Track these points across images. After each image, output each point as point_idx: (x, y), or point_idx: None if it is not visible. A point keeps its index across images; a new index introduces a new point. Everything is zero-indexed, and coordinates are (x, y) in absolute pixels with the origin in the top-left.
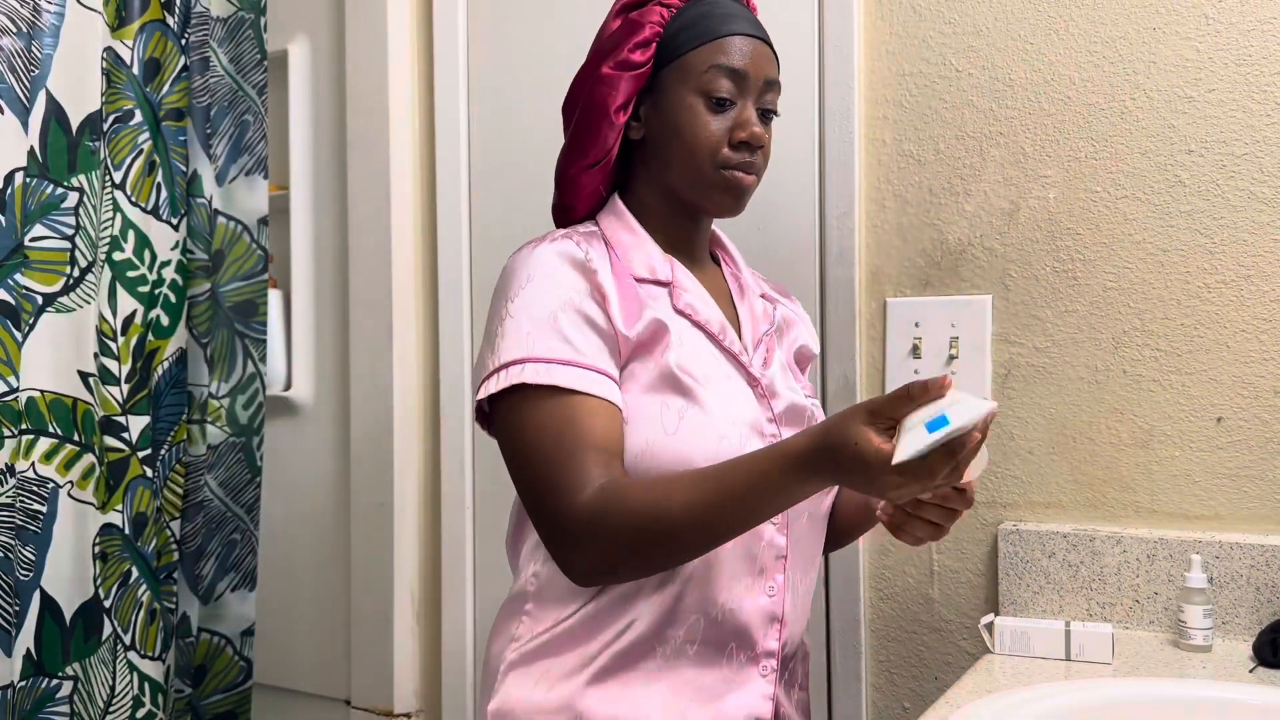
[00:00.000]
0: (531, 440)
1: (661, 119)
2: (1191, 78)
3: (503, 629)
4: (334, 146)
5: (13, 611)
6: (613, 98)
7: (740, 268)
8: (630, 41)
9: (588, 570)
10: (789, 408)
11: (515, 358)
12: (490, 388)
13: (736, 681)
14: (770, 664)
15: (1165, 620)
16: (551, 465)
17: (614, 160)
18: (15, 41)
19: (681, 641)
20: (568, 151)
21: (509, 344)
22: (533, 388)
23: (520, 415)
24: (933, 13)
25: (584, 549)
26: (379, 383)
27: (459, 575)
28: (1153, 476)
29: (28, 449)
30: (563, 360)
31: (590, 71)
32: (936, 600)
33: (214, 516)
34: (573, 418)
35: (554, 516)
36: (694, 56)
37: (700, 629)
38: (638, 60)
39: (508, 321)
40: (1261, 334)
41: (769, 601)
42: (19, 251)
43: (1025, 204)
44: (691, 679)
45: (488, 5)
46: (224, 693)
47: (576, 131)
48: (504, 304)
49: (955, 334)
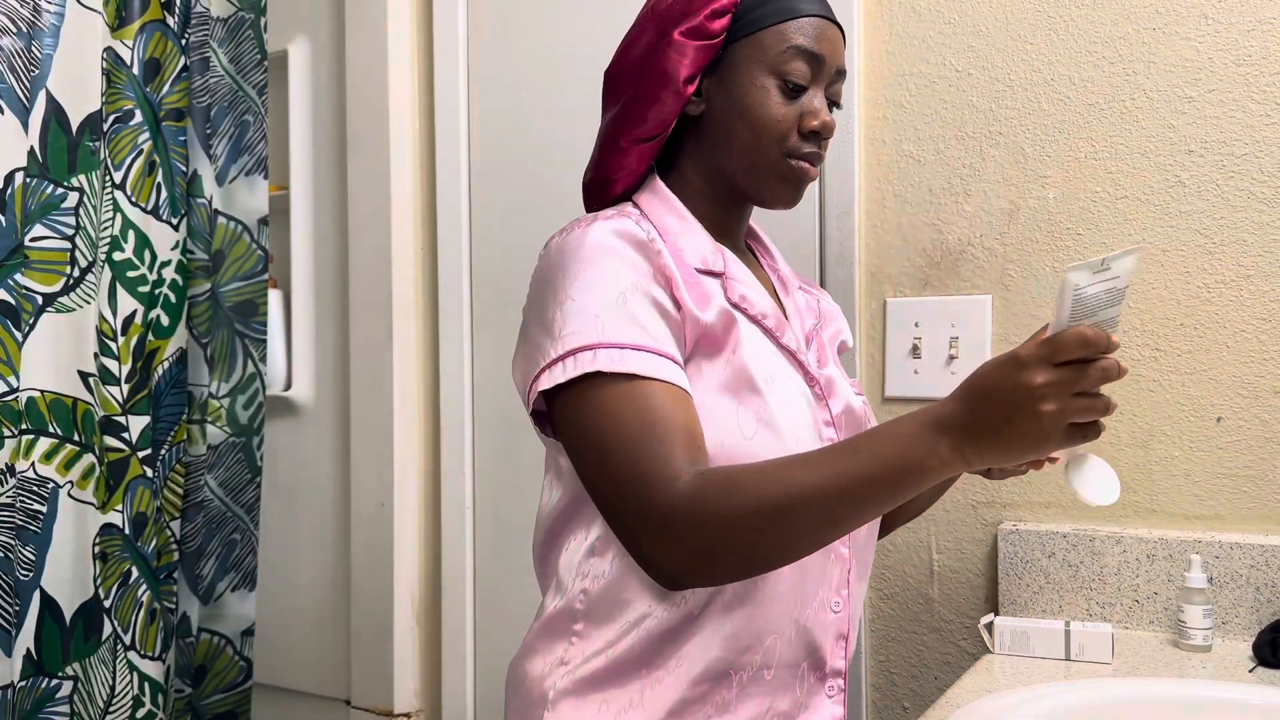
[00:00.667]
0: (611, 429)
1: (728, 96)
2: (1191, 78)
3: (544, 650)
4: (334, 146)
5: (13, 611)
6: (683, 66)
7: (777, 260)
8: (707, 8)
9: (686, 566)
10: (846, 409)
11: (584, 344)
12: (556, 376)
13: (809, 706)
14: (838, 684)
15: (1165, 620)
16: (639, 453)
17: (666, 138)
18: (15, 41)
19: (759, 667)
20: (620, 120)
21: (573, 329)
22: (606, 375)
23: (594, 404)
24: (932, 13)
25: (684, 540)
26: (379, 383)
27: (459, 575)
28: (1153, 476)
29: (28, 449)
30: (636, 345)
31: (656, 37)
32: (936, 600)
33: (214, 516)
34: (654, 405)
35: (647, 507)
36: (771, 34)
37: (776, 651)
38: (714, 29)
39: (568, 305)
40: (1261, 334)
41: (836, 618)
42: (19, 251)
43: (1025, 204)
44: (769, 706)
45: (488, 5)
46: (224, 693)
47: (635, 99)
48: (560, 287)
49: (955, 334)
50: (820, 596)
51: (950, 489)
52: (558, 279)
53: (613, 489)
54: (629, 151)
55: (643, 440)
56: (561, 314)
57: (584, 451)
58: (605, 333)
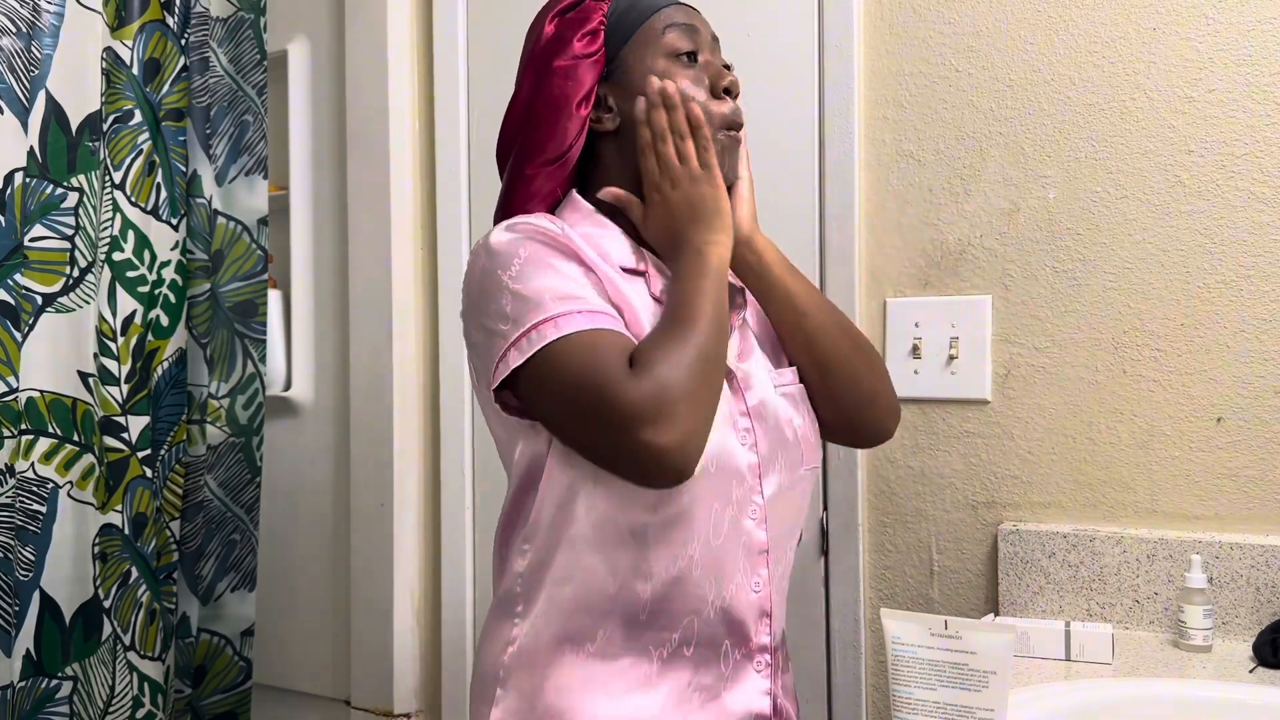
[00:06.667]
0: (569, 378)
1: (636, 94)
2: (1191, 78)
3: (494, 635)
4: (334, 146)
5: (13, 611)
6: (573, 89)
7: None
8: (577, 33)
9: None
10: (762, 402)
11: (539, 319)
12: (524, 351)
13: (734, 679)
14: (764, 659)
15: (1165, 620)
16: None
17: (574, 160)
18: (15, 41)
19: (678, 643)
20: (520, 154)
21: (520, 313)
22: (554, 344)
23: (551, 368)
24: (933, 13)
25: (665, 417)
26: (379, 383)
27: (459, 575)
28: (1153, 476)
29: (27, 449)
30: (580, 311)
31: (537, 76)
32: (936, 600)
33: (214, 517)
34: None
35: (616, 414)
36: (647, 27)
37: (695, 629)
38: (590, 49)
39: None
40: (1261, 334)
41: (757, 597)
42: (19, 251)
43: (1025, 204)
44: (690, 680)
45: (488, 5)
46: (224, 693)
47: (531, 132)
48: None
49: (955, 334)
50: (737, 579)
51: (950, 489)
52: (495, 274)
53: (586, 420)
54: (535, 177)
55: (591, 371)
56: (510, 303)
57: (556, 414)
58: (549, 307)
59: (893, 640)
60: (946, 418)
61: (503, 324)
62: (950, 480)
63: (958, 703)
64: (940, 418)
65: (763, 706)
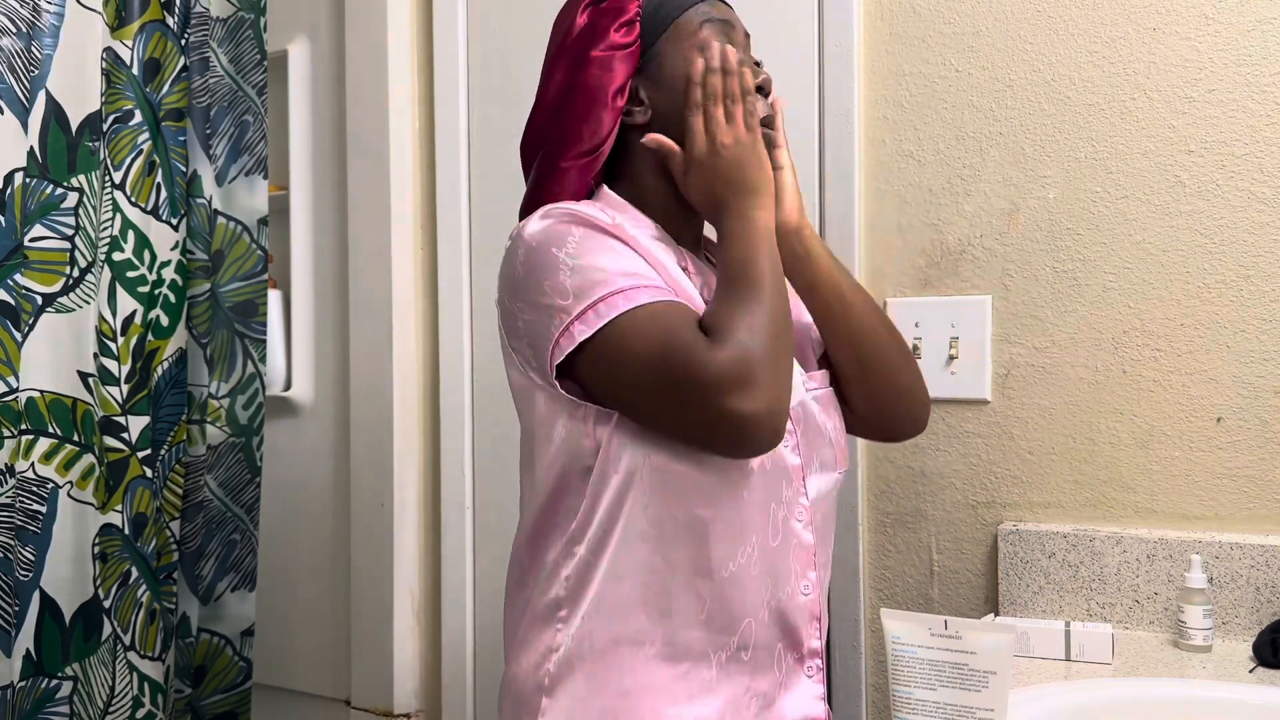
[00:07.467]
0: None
1: (670, 87)
2: (1191, 78)
3: (530, 644)
4: (334, 146)
5: (13, 611)
6: (609, 79)
7: None
8: (614, 24)
9: (767, 403)
10: (801, 404)
11: (603, 294)
12: (584, 332)
13: (788, 685)
14: (815, 664)
15: (1165, 620)
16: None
17: (606, 154)
18: (15, 41)
19: (736, 647)
20: (555, 145)
21: (584, 287)
22: (623, 316)
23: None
24: (932, 13)
25: (751, 382)
26: (379, 383)
27: (459, 575)
28: (1153, 476)
29: (27, 449)
30: (644, 286)
31: (572, 64)
32: (936, 600)
33: (214, 517)
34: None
35: (703, 384)
36: (683, 20)
37: (753, 631)
38: (626, 40)
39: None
40: (1261, 334)
41: (807, 600)
42: (19, 252)
43: (1025, 204)
44: (748, 685)
45: (488, 5)
46: (224, 693)
47: (564, 124)
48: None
49: (955, 334)
50: (790, 581)
51: (950, 489)
52: (549, 251)
53: (667, 393)
54: (569, 170)
55: (669, 342)
56: (570, 278)
57: (630, 381)
58: (614, 281)
59: (893, 640)
60: (946, 418)
61: (562, 299)
62: (950, 480)
63: (958, 703)
64: (940, 418)
65: (818, 712)
